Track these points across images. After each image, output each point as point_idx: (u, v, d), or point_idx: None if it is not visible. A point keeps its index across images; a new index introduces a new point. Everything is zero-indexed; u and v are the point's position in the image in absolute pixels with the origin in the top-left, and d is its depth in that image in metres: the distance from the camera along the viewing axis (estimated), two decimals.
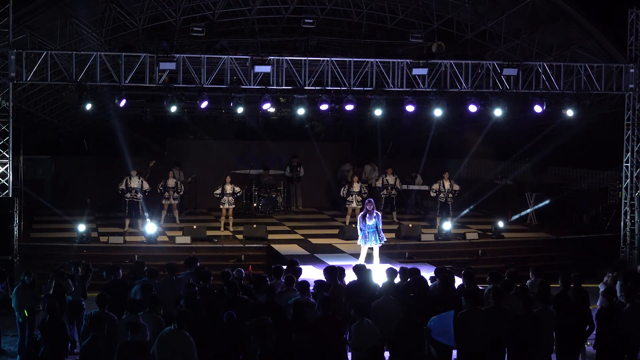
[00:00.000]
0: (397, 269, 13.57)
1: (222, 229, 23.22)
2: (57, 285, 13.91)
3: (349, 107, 20.86)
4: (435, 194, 23.74)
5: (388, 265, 15.08)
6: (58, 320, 11.83)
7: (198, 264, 14.21)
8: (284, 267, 14.27)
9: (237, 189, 23.47)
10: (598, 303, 13.49)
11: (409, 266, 14.21)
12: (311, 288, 12.66)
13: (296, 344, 11.11)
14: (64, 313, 13.02)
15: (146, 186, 22.65)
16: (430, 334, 11.17)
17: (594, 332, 12.10)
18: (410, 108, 21.24)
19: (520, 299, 11.84)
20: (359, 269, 13.52)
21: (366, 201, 18.37)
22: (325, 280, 13.14)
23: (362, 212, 18.13)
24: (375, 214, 17.77)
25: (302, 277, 13.57)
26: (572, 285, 12.89)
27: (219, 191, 23.14)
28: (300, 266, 14.20)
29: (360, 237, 17.95)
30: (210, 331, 11.05)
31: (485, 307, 11.70)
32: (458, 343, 11.36)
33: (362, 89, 20.84)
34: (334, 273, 13.22)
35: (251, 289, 12.79)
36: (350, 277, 13.69)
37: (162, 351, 10.28)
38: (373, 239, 17.76)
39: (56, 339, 11.48)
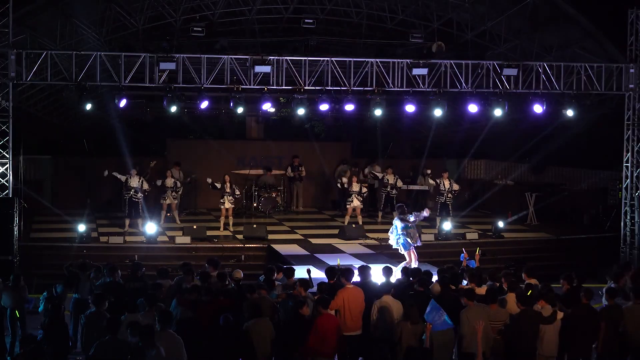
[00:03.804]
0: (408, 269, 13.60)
1: (222, 229, 23.19)
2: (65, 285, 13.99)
3: (349, 107, 20.87)
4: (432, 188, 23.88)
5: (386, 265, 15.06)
6: (61, 320, 11.83)
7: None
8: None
9: (237, 191, 23.43)
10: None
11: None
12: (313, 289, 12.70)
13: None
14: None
15: (146, 186, 22.66)
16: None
17: None
18: (410, 108, 21.23)
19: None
20: (362, 269, 13.49)
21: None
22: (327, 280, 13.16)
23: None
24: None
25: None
26: (574, 285, 12.88)
27: (217, 185, 23.07)
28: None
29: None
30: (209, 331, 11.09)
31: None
32: (457, 342, 11.37)
33: (362, 89, 20.83)
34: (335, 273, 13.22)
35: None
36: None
37: None
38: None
39: (58, 338, 11.46)
